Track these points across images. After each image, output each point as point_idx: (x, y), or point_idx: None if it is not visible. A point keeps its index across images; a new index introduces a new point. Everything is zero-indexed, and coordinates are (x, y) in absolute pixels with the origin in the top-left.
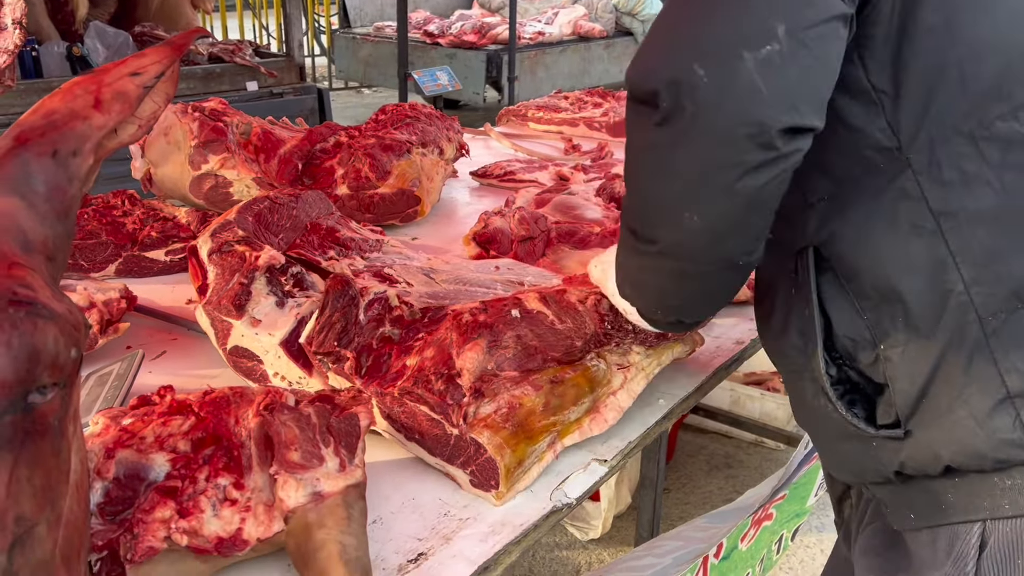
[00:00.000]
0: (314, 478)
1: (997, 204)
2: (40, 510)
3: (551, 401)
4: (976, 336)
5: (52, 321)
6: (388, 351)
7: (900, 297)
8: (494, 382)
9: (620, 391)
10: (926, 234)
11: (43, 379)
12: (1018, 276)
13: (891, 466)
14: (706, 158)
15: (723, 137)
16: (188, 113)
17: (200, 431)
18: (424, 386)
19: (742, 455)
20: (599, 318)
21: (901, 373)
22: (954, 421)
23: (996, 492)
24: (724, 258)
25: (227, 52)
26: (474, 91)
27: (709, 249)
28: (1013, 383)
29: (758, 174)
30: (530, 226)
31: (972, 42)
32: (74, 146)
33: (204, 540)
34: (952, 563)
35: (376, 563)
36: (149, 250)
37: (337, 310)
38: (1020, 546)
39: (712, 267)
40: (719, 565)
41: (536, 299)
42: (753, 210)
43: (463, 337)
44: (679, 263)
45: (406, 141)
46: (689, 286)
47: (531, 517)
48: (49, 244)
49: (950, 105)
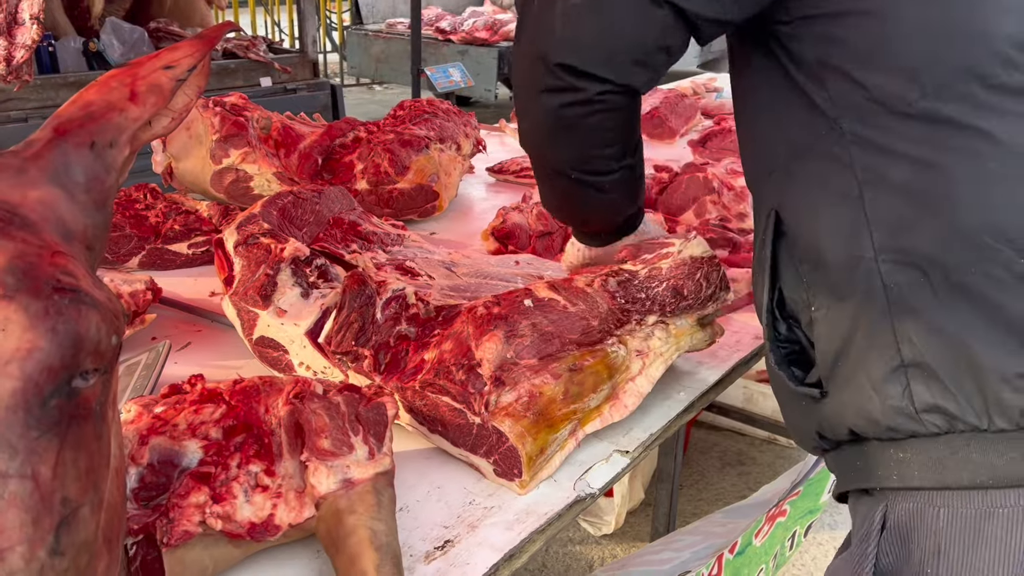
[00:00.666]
0: (344, 465)
1: (912, 177)
2: (84, 492)
3: (570, 389)
4: (880, 303)
5: (95, 308)
6: (405, 347)
7: (825, 260)
8: (514, 371)
9: (639, 376)
10: (850, 201)
11: (86, 364)
12: (921, 248)
13: (814, 426)
14: (520, 69)
15: (522, 53)
16: (210, 108)
17: (231, 419)
18: (445, 377)
19: (755, 452)
20: (610, 296)
21: (822, 334)
22: (857, 385)
23: (890, 463)
24: (554, 166)
25: (241, 48)
26: (486, 88)
27: (538, 153)
28: (907, 352)
29: (553, 96)
30: (548, 221)
31: (899, 25)
32: (111, 137)
33: (237, 525)
34: (859, 542)
35: (403, 549)
36: (172, 243)
37: (354, 309)
38: (915, 528)
39: (547, 170)
40: (734, 561)
41: (545, 288)
42: (562, 129)
43: (480, 329)
44: (532, 163)
45: (424, 137)
46: (549, 189)
47: (555, 506)
48: (88, 233)
49: (877, 81)
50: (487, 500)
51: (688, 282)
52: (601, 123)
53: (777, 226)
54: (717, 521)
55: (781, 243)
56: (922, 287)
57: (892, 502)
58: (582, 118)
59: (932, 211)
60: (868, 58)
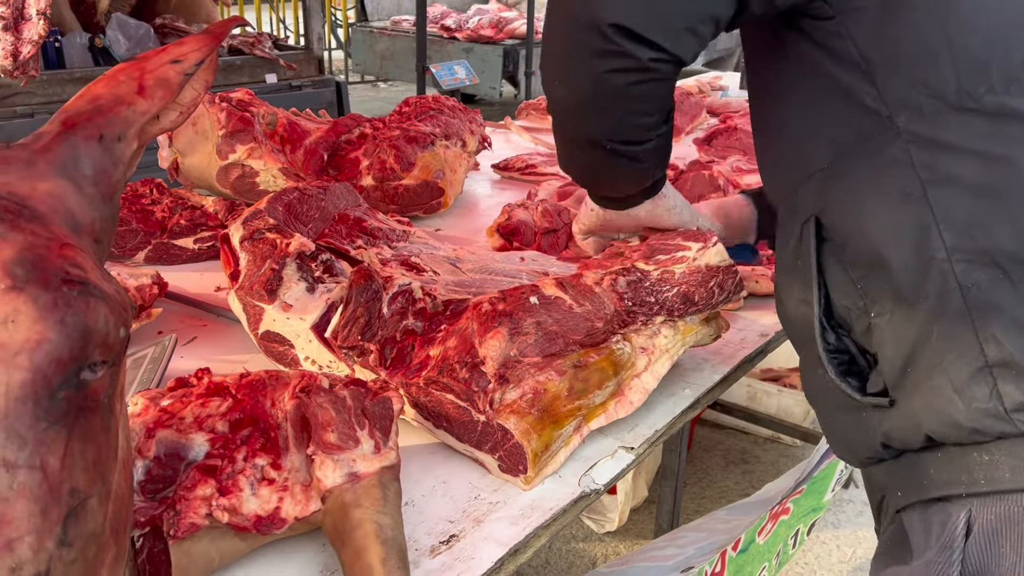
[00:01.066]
0: (350, 459)
1: (981, 173)
2: (92, 484)
3: (575, 385)
4: (957, 304)
5: (103, 300)
6: (411, 343)
7: (887, 264)
8: (518, 368)
9: (645, 373)
10: (913, 201)
11: (94, 357)
12: (999, 245)
13: (878, 437)
14: (566, 33)
15: (572, 18)
16: (216, 103)
17: (237, 412)
18: (449, 375)
19: (758, 451)
20: (617, 297)
21: (887, 340)
22: (934, 390)
23: (974, 467)
24: (588, 136)
25: (247, 44)
26: (490, 86)
27: (574, 122)
28: (991, 352)
29: (603, 61)
30: (553, 218)
31: (958, 18)
32: (119, 131)
33: (244, 518)
34: (939, 550)
35: (409, 544)
36: (178, 238)
37: (361, 304)
38: (1004, 530)
39: (580, 140)
40: (737, 558)
41: (553, 285)
42: (606, 95)
43: (484, 326)
44: (561, 131)
45: (430, 133)
46: (579, 158)
47: (560, 502)
48: (96, 226)
49: (939, 77)
50: (492, 495)
51: (700, 289)
52: (647, 92)
53: (818, 232)
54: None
55: (824, 249)
56: (1003, 285)
57: (978, 507)
58: (630, 86)
59: (1006, 207)
60: (927, 53)
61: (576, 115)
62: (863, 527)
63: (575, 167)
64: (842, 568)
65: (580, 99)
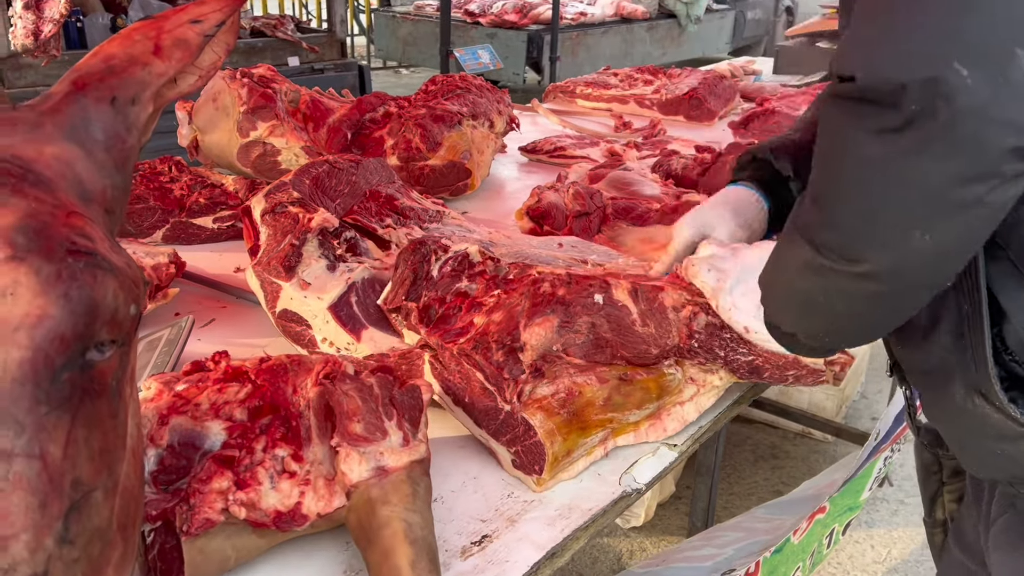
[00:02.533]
0: (378, 452)
1: None
2: (98, 475)
3: (614, 398)
4: None
5: (112, 274)
6: (459, 304)
7: None
8: (557, 364)
9: (689, 403)
10: None
11: (102, 335)
12: None
13: None
14: (956, 170)
15: (984, 146)
16: (237, 79)
17: (257, 399)
18: (483, 353)
19: (788, 446)
20: (688, 333)
21: None
22: None
23: None
24: (940, 282)
25: (269, 27)
26: (514, 72)
27: (931, 271)
28: None
29: (1011, 185)
30: (585, 201)
31: None
32: (133, 93)
33: (262, 514)
34: None
35: (438, 544)
36: (197, 217)
37: (408, 265)
38: None
39: (922, 291)
40: (771, 559)
41: (626, 290)
42: (990, 225)
43: (535, 308)
44: (883, 286)
45: (457, 112)
46: (879, 311)
47: (600, 502)
48: (107, 195)
49: None
50: (526, 493)
51: (775, 371)
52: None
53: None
54: (760, 517)
55: (996, 270)
56: None
57: None
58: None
59: None
60: None
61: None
62: (898, 527)
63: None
64: (876, 568)
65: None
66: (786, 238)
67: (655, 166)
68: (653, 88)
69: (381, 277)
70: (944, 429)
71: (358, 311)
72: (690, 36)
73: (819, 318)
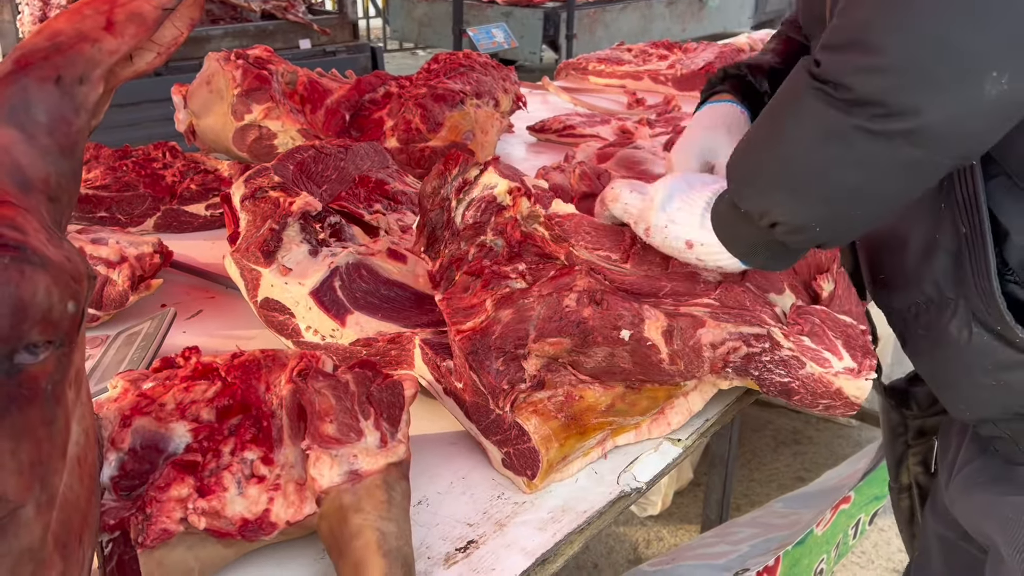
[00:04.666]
0: (351, 455)
1: None
2: (27, 489)
3: (617, 405)
4: None
5: (43, 269)
6: (479, 271)
7: None
8: (561, 373)
9: (693, 392)
10: None
11: (32, 336)
12: None
13: None
14: None
15: None
16: (231, 60)
17: (226, 398)
18: (483, 355)
19: (811, 431)
20: (722, 364)
21: None
22: None
23: None
24: (979, 151)
25: (279, 9)
26: (530, 51)
27: (982, 134)
28: None
29: None
30: (592, 181)
31: None
32: (81, 72)
33: (227, 522)
34: None
35: (420, 551)
36: (188, 204)
37: (427, 212)
38: None
39: (966, 157)
40: (792, 551)
41: (660, 328)
42: None
43: (550, 323)
44: (922, 150)
45: (459, 91)
46: (895, 187)
47: (596, 503)
48: (51, 182)
49: None
50: (517, 494)
51: (807, 395)
52: None
53: (985, 168)
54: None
55: (994, 186)
56: None
57: None
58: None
59: None
60: None
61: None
62: None
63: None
64: (902, 557)
65: None
66: (790, 108)
67: (667, 144)
68: (668, 63)
69: (367, 263)
70: (932, 370)
71: (342, 295)
72: (711, 11)
73: (820, 199)
